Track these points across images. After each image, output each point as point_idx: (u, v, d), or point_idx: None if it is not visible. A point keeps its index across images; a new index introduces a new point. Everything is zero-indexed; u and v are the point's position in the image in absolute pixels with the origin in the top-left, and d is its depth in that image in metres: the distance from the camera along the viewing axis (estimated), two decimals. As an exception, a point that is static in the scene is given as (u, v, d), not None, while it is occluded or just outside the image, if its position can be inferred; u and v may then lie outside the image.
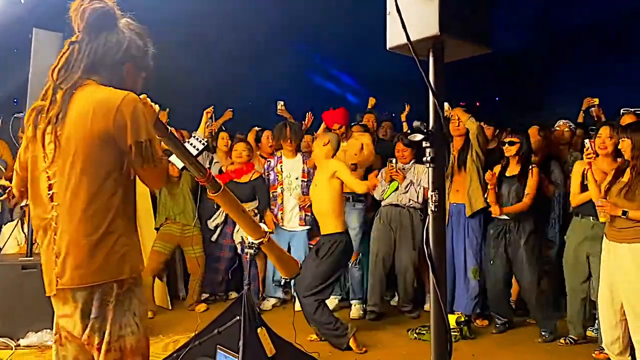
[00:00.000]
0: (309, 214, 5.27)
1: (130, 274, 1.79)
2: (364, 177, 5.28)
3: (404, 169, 5.07)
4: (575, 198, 4.18)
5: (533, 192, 4.41)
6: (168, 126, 2.12)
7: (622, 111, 4.70)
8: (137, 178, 1.86)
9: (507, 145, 4.51)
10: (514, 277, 4.64)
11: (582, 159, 4.46)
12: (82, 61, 1.80)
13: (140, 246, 1.91)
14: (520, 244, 4.43)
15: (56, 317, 1.86)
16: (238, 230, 5.33)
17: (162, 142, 2.08)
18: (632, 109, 4.64)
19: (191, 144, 2.53)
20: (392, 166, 5.00)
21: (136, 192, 1.89)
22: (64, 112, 1.75)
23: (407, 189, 5.02)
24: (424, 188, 4.98)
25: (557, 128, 5.07)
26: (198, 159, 2.42)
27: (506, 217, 4.50)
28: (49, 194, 1.77)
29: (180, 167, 2.41)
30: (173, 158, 2.37)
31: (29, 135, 1.84)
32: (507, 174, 4.57)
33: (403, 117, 6.41)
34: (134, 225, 1.86)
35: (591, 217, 4.09)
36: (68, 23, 1.85)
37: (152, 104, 1.93)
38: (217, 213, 5.43)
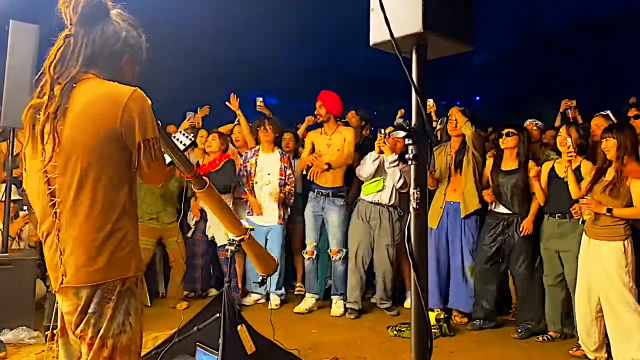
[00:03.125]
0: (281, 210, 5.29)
1: (135, 271, 1.77)
2: (346, 177, 5.28)
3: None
4: (541, 195, 4.29)
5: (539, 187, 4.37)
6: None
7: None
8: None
9: (504, 136, 4.53)
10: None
11: (555, 157, 4.57)
12: (80, 54, 1.76)
13: (139, 243, 1.87)
14: (518, 239, 4.46)
15: (60, 314, 1.83)
16: (210, 227, 5.32)
17: None
18: (604, 112, 4.73)
19: (177, 139, 2.50)
20: (382, 136, 4.91)
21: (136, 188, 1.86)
22: (64, 107, 1.71)
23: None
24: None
25: (526, 127, 5.13)
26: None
27: (507, 212, 4.54)
28: (49, 190, 1.72)
29: (168, 162, 2.38)
30: None
31: (26, 134, 1.79)
32: (503, 168, 4.59)
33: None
34: (137, 221, 1.83)
35: (557, 215, 4.16)
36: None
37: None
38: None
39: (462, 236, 4.83)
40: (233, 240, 2.82)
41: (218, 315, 3.11)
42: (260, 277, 5.26)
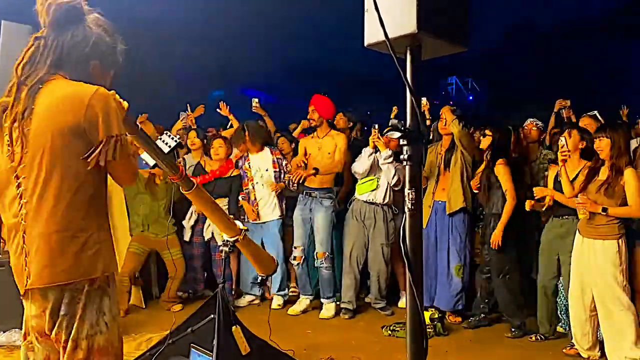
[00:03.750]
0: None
1: (102, 272, 1.75)
2: (336, 179, 5.27)
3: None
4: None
5: (509, 186, 4.38)
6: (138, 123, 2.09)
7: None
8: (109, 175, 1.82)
9: (481, 137, 4.59)
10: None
11: (553, 156, 4.58)
12: (48, 57, 1.76)
13: (113, 244, 1.86)
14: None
15: (26, 318, 1.81)
16: (208, 227, 5.31)
17: (134, 140, 2.04)
18: (591, 112, 4.76)
19: (163, 141, 2.50)
20: (375, 131, 4.90)
21: (107, 189, 1.85)
22: (30, 108, 1.71)
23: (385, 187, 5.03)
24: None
25: (525, 127, 5.15)
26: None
27: (499, 212, 4.53)
28: (17, 192, 1.71)
29: (151, 164, 2.38)
30: (144, 155, 2.33)
31: None
32: (477, 171, 4.63)
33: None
34: (107, 222, 1.82)
35: (560, 217, 4.16)
36: (36, 16, 1.81)
37: (121, 100, 1.89)
38: (191, 211, 5.39)
39: (450, 235, 4.84)
40: (227, 240, 2.81)
41: (212, 316, 3.11)
42: (260, 278, 5.26)
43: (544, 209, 4.18)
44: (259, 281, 5.32)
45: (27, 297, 1.76)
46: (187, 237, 5.40)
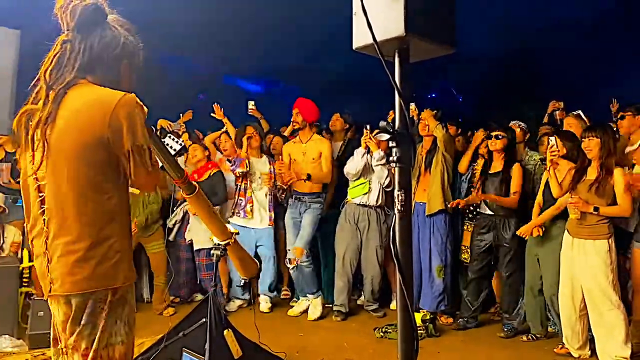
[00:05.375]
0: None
1: (124, 281, 1.73)
2: (324, 184, 5.28)
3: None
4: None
5: (519, 189, 4.43)
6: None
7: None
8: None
9: (493, 138, 4.55)
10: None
11: (539, 157, 4.62)
12: (77, 60, 1.73)
13: (131, 252, 1.83)
14: (507, 240, 4.48)
15: (54, 323, 1.80)
16: (190, 230, 5.30)
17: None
18: (575, 112, 4.80)
19: (168, 145, 2.49)
20: (367, 132, 4.90)
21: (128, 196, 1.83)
22: (54, 113, 1.68)
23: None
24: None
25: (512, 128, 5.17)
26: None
27: (491, 213, 4.57)
28: (39, 197, 1.70)
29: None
30: None
31: (20, 141, 1.76)
32: (490, 171, 4.61)
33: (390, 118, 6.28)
34: (128, 231, 1.79)
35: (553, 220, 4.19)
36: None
37: (141, 103, 1.90)
38: (176, 211, 5.39)
39: (431, 236, 4.87)
40: (219, 244, 2.81)
41: (204, 320, 3.10)
42: (243, 281, 5.27)
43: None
44: (242, 284, 5.30)
45: (52, 302, 1.76)
46: (171, 237, 5.39)
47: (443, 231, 4.85)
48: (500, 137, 4.53)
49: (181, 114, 6.43)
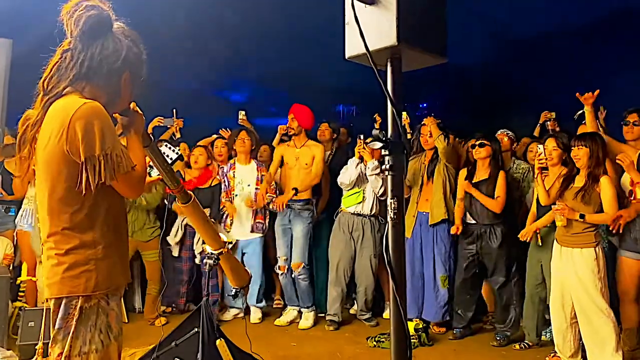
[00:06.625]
0: (261, 221, 5.27)
1: (94, 289, 1.71)
2: (315, 191, 5.27)
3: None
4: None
5: (503, 193, 4.45)
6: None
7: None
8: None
9: (477, 147, 4.58)
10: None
11: (528, 166, 4.65)
12: (73, 69, 1.73)
13: (120, 260, 1.82)
14: (494, 249, 4.49)
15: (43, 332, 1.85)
16: (198, 241, 5.27)
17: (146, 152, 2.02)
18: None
19: (164, 153, 2.48)
20: (361, 142, 4.90)
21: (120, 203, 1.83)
22: (40, 121, 1.71)
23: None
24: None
25: (497, 137, 5.20)
26: None
27: (474, 222, 4.58)
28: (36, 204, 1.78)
29: (155, 176, 2.38)
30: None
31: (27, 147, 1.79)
32: (474, 180, 4.63)
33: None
34: (111, 239, 1.77)
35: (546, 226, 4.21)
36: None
37: (138, 110, 1.89)
38: (176, 229, 5.35)
39: (434, 246, 4.85)
40: (212, 253, 2.81)
41: (196, 330, 3.09)
42: (234, 290, 5.25)
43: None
44: (232, 293, 5.24)
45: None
46: (175, 253, 5.35)
47: (446, 241, 4.83)
48: (483, 145, 4.55)
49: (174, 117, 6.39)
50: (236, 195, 5.31)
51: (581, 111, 4.35)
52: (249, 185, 5.31)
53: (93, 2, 1.74)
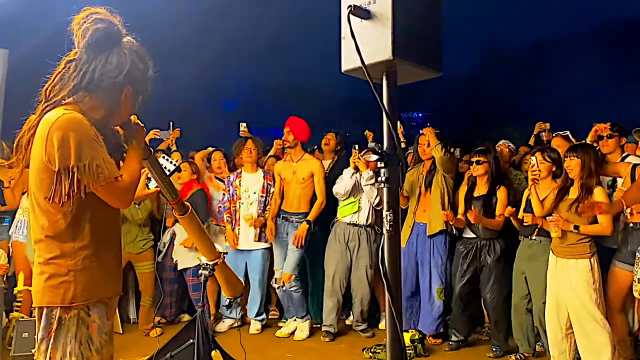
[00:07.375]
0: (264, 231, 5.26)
1: (72, 301, 1.71)
2: (312, 202, 5.27)
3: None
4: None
5: (504, 211, 4.41)
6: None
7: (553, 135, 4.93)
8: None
9: (474, 164, 4.58)
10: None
11: (524, 176, 4.66)
12: (74, 80, 1.75)
13: (106, 271, 1.81)
14: (491, 263, 4.48)
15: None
16: (177, 251, 5.26)
17: (143, 164, 2.02)
18: (562, 132, 4.86)
19: (162, 165, 2.49)
20: (356, 152, 4.90)
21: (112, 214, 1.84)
22: (35, 128, 1.74)
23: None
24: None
25: (497, 148, 5.23)
26: None
27: (474, 236, 4.58)
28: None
29: (153, 188, 2.37)
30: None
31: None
32: (475, 194, 4.62)
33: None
34: (95, 250, 1.77)
35: (529, 237, 4.22)
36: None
37: (139, 122, 1.90)
38: (165, 234, 5.34)
39: (431, 258, 4.83)
40: (207, 264, 2.81)
41: (192, 341, 3.08)
42: (227, 300, 5.24)
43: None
44: (226, 304, 5.22)
45: None
46: (159, 258, 5.33)
47: (443, 252, 4.81)
48: (481, 162, 4.56)
49: (170, 130, 6.41)
50: (242, 203, 5.29)
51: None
52: (254, 193, 5.29)
53: (104, 15, 1.76)
